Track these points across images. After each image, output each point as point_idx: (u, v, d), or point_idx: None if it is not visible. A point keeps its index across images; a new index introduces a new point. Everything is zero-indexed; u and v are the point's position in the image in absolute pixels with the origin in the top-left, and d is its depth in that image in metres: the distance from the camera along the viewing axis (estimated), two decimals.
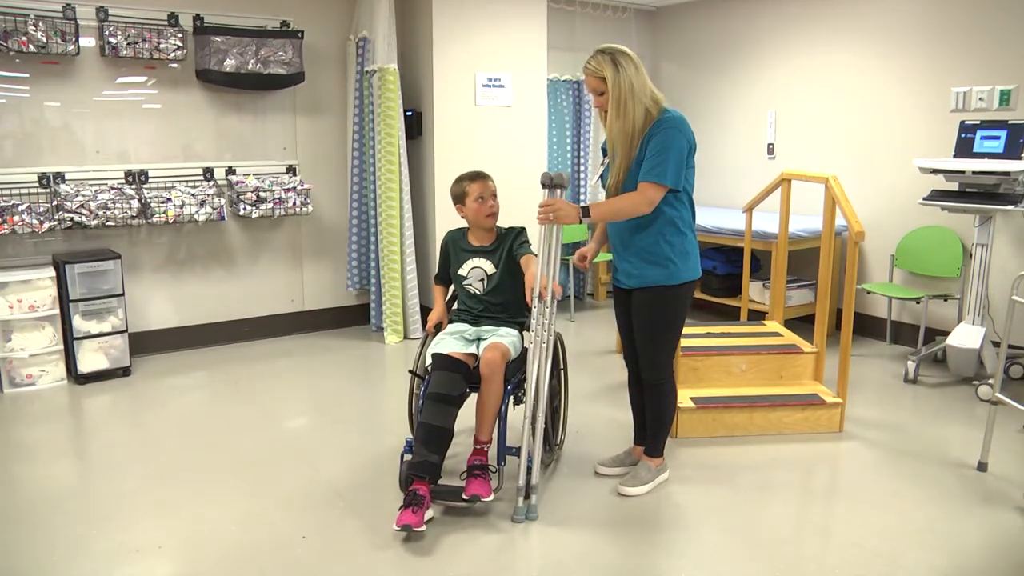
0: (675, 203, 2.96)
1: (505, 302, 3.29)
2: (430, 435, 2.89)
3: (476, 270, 3.31)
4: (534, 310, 2.97)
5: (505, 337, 3.14)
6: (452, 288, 3.47)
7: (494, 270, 3.28)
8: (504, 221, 3.35)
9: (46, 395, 4.38)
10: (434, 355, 3.09)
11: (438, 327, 3.35)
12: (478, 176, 3.29)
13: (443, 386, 2.96)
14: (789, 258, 4.82)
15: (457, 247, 3.39)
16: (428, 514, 2.84)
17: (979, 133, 4.35)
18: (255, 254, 5.45)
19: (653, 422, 3.22)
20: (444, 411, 2.93)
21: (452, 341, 3.15)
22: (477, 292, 3.30)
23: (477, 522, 2.92)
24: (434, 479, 2.90)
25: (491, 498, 2.91)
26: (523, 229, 3.34)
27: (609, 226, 3.12)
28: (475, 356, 3.11)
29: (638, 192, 2.86)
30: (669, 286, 2.97)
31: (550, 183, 2.98)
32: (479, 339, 3.19)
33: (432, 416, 2.91)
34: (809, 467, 3.50)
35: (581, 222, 2.94)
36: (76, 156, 4.72)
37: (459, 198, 3.30)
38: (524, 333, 3.25)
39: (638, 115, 2.87)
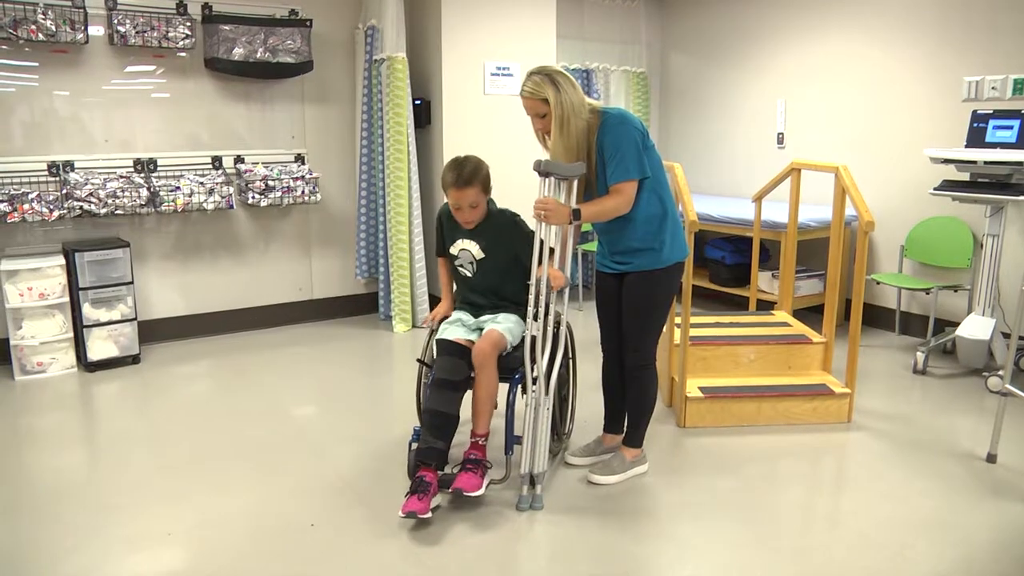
0: (649, 192, 2.96)
1: (498, 286, 3.20)
2: (435, 421, 2.89)
3: (464, 252, 3.21)
4: (530, 299, 2.92)
5: (502, 323, 3.10)
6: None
7: (482, 255, 3.18)
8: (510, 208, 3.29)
9: (56, 383, 4.41)
10: (438, 341, 3.09)
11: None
12: (456, 183, 3.03)
13: (447, 371, 2.96)
14: (798, 248, 4.80)
15: (450, 222, 3.24)
16: (435, 501, 2.84)
17: (991, 123, 4.31)
18: (264, 243, 5.46)
19: (634, 411, 3.23)
20: (449, 397, 2.93)
21: (455, 328, 3.14)
22: (468, 275, 3.24)
23: (484, 510, 2.92)
24: (440, 466, 2.89)
25: (478, 493, 2.85)
26: (519, 223, 3.19)
27: (594, 224, 3.11)
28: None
29: (616, 193, 2.90)
30: (658, 269, 3.01)
31: (542, 171, 2.83)
32: (480, 328, 3.16)
33: (437, 402, 2.92)
34: (817, 458, 3.49)
35: (571, 223, 2.92)
36: (85, 145, 4.73)
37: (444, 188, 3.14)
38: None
39: (580, 131, 2.89)
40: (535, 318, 2.92)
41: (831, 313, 4.10)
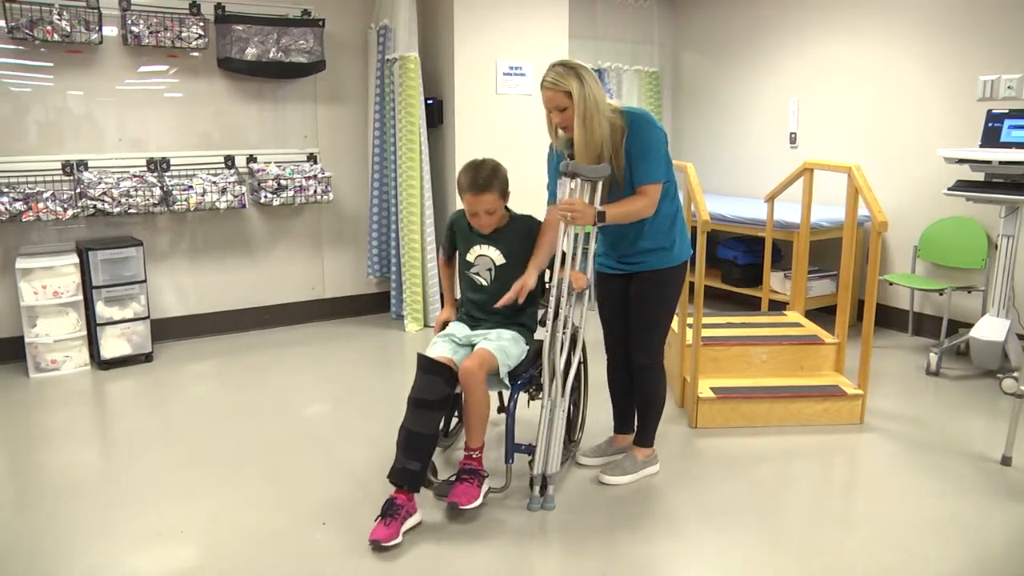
0: (664, 194, 2.97)
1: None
2: (409, 441, 2.80)
3: (483, 259, 3.10)
4: (550, 301, 2.91)
5: (495, 341, 2.95)
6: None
7: (503, 260, 3.08)
8: (523, 210, 3.25)
9: (70, 380, 4.44)
10: (418, 355, 2.94)
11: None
12: (472, 188, 2.95)
13: (423, 391, 2.84)
14: (811, 248, 4.78)
15: (464, 230, 3.14)
16: (411, 522, 2.76)
17: (1007, 122, 4.28)
18: (276, 242, 5.48)
19: (643, 409, 3.22)
20: (424, 416, 2.82)
21: (443, 344, 3.01)
22: (484, 284, 3.11)
23: (495, 511, 2.92)
24: (414, 487, 2.80)
25: (474, 505, 2.82)
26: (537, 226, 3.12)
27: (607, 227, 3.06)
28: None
29: (642, 195, 2.89)
30: (669, 267, 3.03)
31: (569, 172, 2.82)
32: (471, 344, 3.02)
33: (413, 421, 2.82)
34: (829, 459, 3.48)
35: (595, 224, 2.89)
36: (99, 144, 4.76)
37: (460, 192, 3.08)
38: (538, 328, 3.14)
39: (604, 129, 2.85)
40: (554, 320, 2.90)
41: (844, 314, 4.08)
